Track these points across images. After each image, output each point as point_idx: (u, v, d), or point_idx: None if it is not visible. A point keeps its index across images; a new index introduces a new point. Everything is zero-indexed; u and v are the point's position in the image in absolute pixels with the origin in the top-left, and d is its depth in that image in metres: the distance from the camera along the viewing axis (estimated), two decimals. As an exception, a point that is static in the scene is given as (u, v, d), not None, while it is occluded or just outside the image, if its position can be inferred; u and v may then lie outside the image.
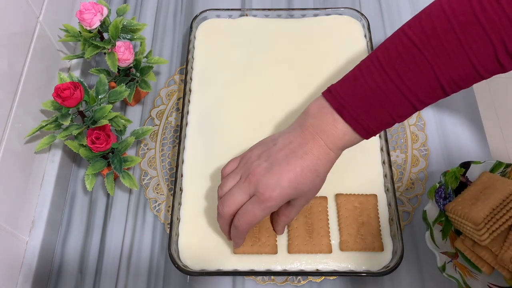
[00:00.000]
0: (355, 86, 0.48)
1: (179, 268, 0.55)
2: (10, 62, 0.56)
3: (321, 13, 0.74)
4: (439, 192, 0.59)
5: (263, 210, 0.49)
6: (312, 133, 0.49)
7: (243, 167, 0.52)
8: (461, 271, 0.55)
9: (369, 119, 0.48)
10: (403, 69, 0.46)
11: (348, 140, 0.50)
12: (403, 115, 0.49)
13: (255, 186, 0.49)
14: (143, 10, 0.80)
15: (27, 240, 0.59)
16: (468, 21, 0.43)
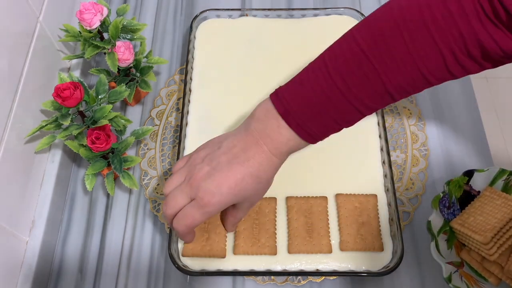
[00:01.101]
0: (302, 91, 0.48)
1: (179, 268, 0.55)
2: (10, 62, 0.56)
3: (321, 13, 0.74)
4: (443, 202, 0.58)
5: (202, 214, 0.48)
6: (256, 137, 0.49)
7: (187, 168, 0.51)
8: (467, 280, 0.55)
9: (315, 125, 0.47)
10: (349, 76, 0.45)
11: (293, 146, 0.49)
12: (349, 121, 0.48)
13: (196, 190, 0.48)
14: (143, 10, 0.80)
15: (27, 240, 0.59)
16: (417, 28, 0.42)
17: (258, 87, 0.68)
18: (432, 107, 0.70)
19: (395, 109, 0.70)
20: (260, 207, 0.59)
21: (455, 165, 0.66)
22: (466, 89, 0.72)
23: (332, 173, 0.62)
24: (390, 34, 0.43)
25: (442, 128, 0.69)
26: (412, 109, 0.70)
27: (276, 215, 0.59)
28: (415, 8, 0.42)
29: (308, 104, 0.47)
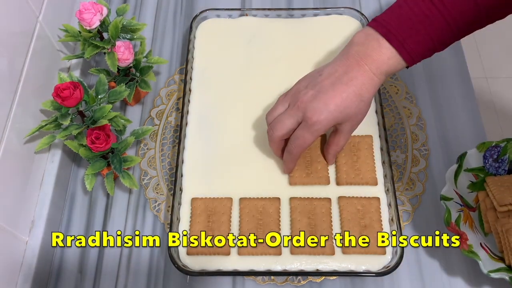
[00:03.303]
0: (400, 13, 0.52)
1: (179, 268, 0.55)
2: (9, 62, 0.55)
3: (321, 13, 0.74)
4: (492, 151, 0.60)
5: (312, 133, 0.53)
6: (357, 59, 0.53)
7: (291, 97, 0.56)
8: (464, 219, 0.57)
9: (414, 43, 0.51)
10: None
11: (392, 65, 0.53)
12: (443, 41, 0.53)
13: (303, 112, 0.53)
14: (143, 10, 0.80)
15: (27, 240, 0.58)
16: None
17: (258, 87, 0.68)
18: (432, 107, 0.70)
19: (395, 109, 0.70)
20: (264, 207, 0.59)
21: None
22: (466, 89, 0.72)
23: (332, 172, 0.62)
24: None
25: (442, 128, 0.69)
26: (412, 109, 0.70)
27: (280, 215, 0.59)
28: None
29: (407, 23, 0.51)
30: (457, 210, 0.57)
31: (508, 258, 0.54)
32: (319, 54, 0.71)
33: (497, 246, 0.57)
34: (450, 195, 0.58)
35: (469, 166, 0.60)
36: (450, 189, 0.58)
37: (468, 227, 0.57)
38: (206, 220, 0.59)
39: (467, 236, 0.55)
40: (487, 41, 1.77)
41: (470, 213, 0.59)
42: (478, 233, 0.58)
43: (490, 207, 0.58)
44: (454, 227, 0.56)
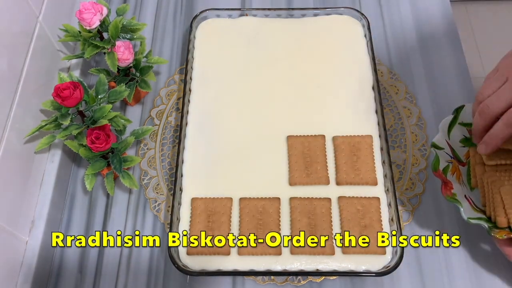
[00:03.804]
0: None
1: (179, 268, 0.55)
2: (10, 62, 0.55)
3: (321, 13, 0.74)
4: None
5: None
6: None
7: (506, 71, 0.50)
8: (452, 171, 0.57)
9: None
10: None
11: None
12: None
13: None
14: (142, 10, 0.80)
15: (27, 240, 0.58)
16: None
17: (258, 87, 0.68)
18: (432, 107, 0.70)
19: (395, 109, 0.70)
20: (264, 207, 0.59)
21: (455, 165, 0.66)
22: (466, 89, 0.72)
23: (332, 173, 0.62)
24: None
25: (442, 128, 0.69)
26: (412, 109, 0.70)
27: (280, 215, 0.59)
28: None
29: None
30: (446, 160, 0.57)
31: (489, 209, 0.55)
32: (319, 54, 0.71)
33: (480, 200, 0.57)
34: (442, 144, 0.58)
35: (465, 120, 0.59)
36: (442, 139, 0.58)
37: (455, 179, 0.57)
38: (206, 220, 0.59)
39: (452, 184, 0.55)
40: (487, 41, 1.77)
41: (459, 166, 0.58)
42: (464, 186, 0.58)
43: (479, 162, 0.58)
44: (440, 174, 0.55)
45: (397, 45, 0.76)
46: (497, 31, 1.81)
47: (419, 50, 0.75)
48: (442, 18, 0.79)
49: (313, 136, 0.64)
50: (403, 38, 0.77)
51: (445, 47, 0.76)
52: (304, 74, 0.69)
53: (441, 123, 0.59)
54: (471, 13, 1.87)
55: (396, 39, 0.77)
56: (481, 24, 1.83)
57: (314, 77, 0.69)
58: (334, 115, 0.66)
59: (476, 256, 0.60)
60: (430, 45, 0.76)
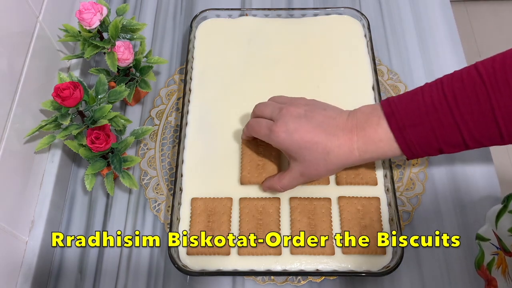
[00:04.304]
0: (411, 99, 0.49)
1: (179, 268, 0.55)
2: (9, 62, 0.55)
3: (321, 13, 0.74)
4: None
5: (265, 136, 0.54)
6: (352, 125, 0.51)
7: (290, 99, 0.56)
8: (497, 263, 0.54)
9: (414, 134, 0.48)
10: (461, 94, 0.46)
11: (382, 148, 0.50)
12: (450, 142, 0.48)
13: (278, 117, 0.53)
14: (142, 10, 0.80)
15: (26, 240, 0.58)
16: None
17: (258, 87, 0.68)
18: (432, 107, 0.70)
19: (395, 109, 0.70)
20: (264, 207, 0.59)
21: (455, 165, 0.66)
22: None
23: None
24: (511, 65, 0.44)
25: (442, 128, 0.69)
26: (412, 109, 0.70)
27: (280, 215, 0.59)
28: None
29: (414, 111, 0.48)
30: (492, 252, 0.54)
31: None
32: (319, 54, 0.71)
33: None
34: (488, 236, 0.54)
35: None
36: (488, 230, 0.54)
37: (500, 273, 0.53)
38: (206, 220, 0.59)
39: (496, 282, 0.52)
40: (487, 41, 1.77)
41: (506, 257, 0.54)
42: (510, 280, 0.53)
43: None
44: (484, 271, 0.53)
45: (397, 45, 0.76)
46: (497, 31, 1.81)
47: (419, 50, 0.75)
48: (442, 18, 0.79)
49: (313, 136, 0.64)
50: (403, 38, 0.77)
51: (445, 47, 0.76)
52: (304, 74, 0.69)
53: (488, 212, 0.55)
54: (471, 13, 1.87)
55: (396, 39, 0.77)
56: (481, 24, 1.83)
57: (314, 77, 0.69)
58: (334, 115, 0.66)
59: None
60: (430, 45, 0.76)
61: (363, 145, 0.50)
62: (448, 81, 0.48)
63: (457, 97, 0.46)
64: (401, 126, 0.48)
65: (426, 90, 0.48)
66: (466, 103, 0.46)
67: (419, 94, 0.49)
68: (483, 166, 0.65)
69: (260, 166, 0.61)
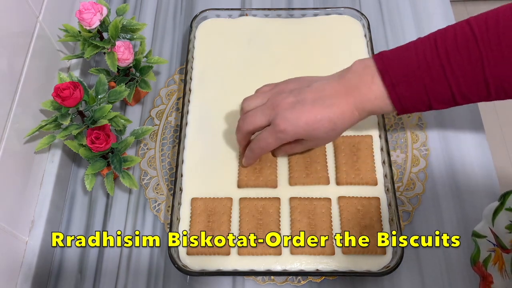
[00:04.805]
0: (404, 54, 0.50)
1: (179, 268, 0.55)
2: (9, 62, 0.55)
3: (321, 13, 0.74)
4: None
5: (276, 139, 0.53)
6: (346, 87, 0.52)
7: (273, 93, 0.56)
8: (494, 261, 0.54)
9: (406, 89, 0.49)
10: (453, 51, 0.47)
11: (377, 105, 0.51)
12: (439, 99, 0.49)
13: (275, 116, 0.52)
14: (142, 10, 0.80)
15: (26, 240, 0.58)
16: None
17: (258, 87, 0.68)
18: (432, 107, 0.70)
19: (395, 109, 0.70)
20: (264, 207, 0.59)
21: (455, 165, 0.66)
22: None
23: (333, 172, 0.62)
24: (504, 24, 0.45)
25: (442, 128, 0.69)
26: (412, 109, 0.70)
27: (280, 215, 0.59)
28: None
29: (407, 65, 0.49)
30: (488, 249, 0.54)
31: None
32: (319, 54, 0.71)
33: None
34: (484, 232, 0.54)
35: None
36: (485, 227, 0.54)
37: (497, 269, 0.53)
38: (206, 220, 0.59)
39: (492, 279, 0.52)
40: (487, 41, 1.77)
41: (502, 254, 0.54)
42: (507, 277, 0.53)
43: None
44: (480, 267, 0.53)
45: (397, 45, 0.76)
46: (497, 31, 1.80)
47: (419, 50, 0.75)
48: (442, 18, 0.79)
49: (313, 136, 0.64)
50: (403, 38, 0.77)
51: (445, 47, 0.75)
52: (304, 74, 0.69)
53: (485, 209, 0.55)
54: (471, 13, 1.87)
55: (396, 39, 0.77)
56: (481, 24, 1.83)
57: (314, 77, 0.69)
58: (334, 115, 0.66)
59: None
60: (430, 45, 0.76)
61: (360, 104, 0.51)
62: (441, 37, 0.48)
63: (449, 53, 0.47)
64: (394, 82, 0.49)
65: (419, 46, 0.49)
66: (458, 60, 0.47)
67: (411, 49, 0.50)
68: (483, 166, 0.65)
69: (257, 170, 0.61)
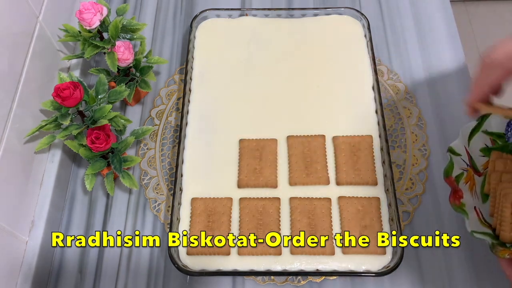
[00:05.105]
0: None
1: (179, 268, 0.55)
2: (10, 62, 0.55)
3: (321, 13, 0.74)
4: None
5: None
6: None
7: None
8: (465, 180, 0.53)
9: None
10: None
11: None
12: None
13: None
14: (143, 10, 0.80)
15: (26, 240, 0.58)
16: None
17: (257, 87, 0.68)
18: (432, 107, 0.70)
19: (395, 109, 0.70)
20: (264, 207, 0.59)
21: (455, 165, 0.66)
22: (466, 89, 0.72)
23: (333, 172, 0.62)
24: None
25: (442, 128, 0.69)
26: (412, 109, 0.70)
27: (280, 215, 0.59)
28: None
29: None
30: (461, 168, 0.54)
31: (496, 220, 0.51)
32: (318, 54, 0.71)
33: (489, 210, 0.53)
34: (459, 151, 0.54)
35: (490, 128, 0.54)
36: (461, 145, 0.54)
37: (467, 188, 0.53)
38: (206, 220, 0.59)
39: (462, 193, 0.52)
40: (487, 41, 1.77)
41: (474, 176, 0.54)
42: (476, 197, 0.54)
43: (498, 170, 0.53)
44: (452, 180, 0.52)
45: (397, 45, 0.76)
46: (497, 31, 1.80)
47: (419, 50, 0.75)
48: (442, 18, 0.79)
49: (313, 136, 0.64)
50: (403, 38, 0.77)
51: (445, 47, 0.76)
52: (304, 74, 0.69)
53: (462, 128, 0.54)
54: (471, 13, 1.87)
55: (396, 39, 0.77)
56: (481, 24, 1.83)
57: (314, 77, 0.69)
58: (334, 115, 0.66)
59: (476, 256, 0.60)
60: (430, 45, 0.76)
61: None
62: None
63: None
64: None
65: None
66: None
67: None
68: (483, 166, 0.65)
69: (257, 170, 0.61)
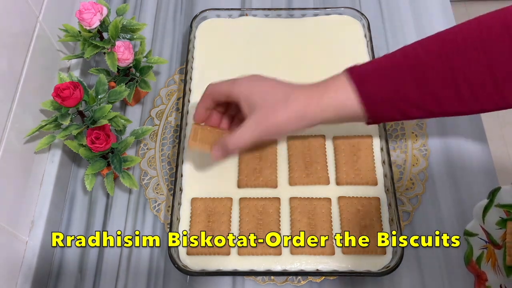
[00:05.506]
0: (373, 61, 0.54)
1: (179, 268, 0.55)
2: (9, 62, 0.55)
3: (321, 13, 0.74)
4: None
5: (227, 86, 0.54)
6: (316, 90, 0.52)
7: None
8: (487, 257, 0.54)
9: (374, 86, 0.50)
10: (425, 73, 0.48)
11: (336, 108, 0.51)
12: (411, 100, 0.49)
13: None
14: (142, 10, 0.80)
15: (26, 240, 0.58)
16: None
17: (258, 87, 0.68)
18: (432, 107, 0.70)
19: (395, 109, 0.70)
20: (264, 207, 0.59)
21: (455, 165, 0.66)
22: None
23: (333, 171, 0.62)
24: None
25: (442, 128, 0.69)
26: (412, 109, 0.70)
27: (280, 215, 0.59)
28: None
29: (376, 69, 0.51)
30: (481, 247, 0.54)
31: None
32: (319, 54, 0.71)
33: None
34: (475, 231, 0.54)
35: (502, 201, 0.54)
36: (476, 225, 0.55)
37: (490, 266, 0.54)
38: (206, 220, 0.59)
39: (486, 276, 0.52)
40: (487, 41, 1.77)
41: (495, 250, 0.54)
42: (500, 273, 0.53)
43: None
44: (474, 266, 0.53)
45: (397, 45, 0.76)
46: (497, 31, 1.80)
47: (419, 50, 0.75)
48: (442, 18, 0.78)
49: (313, 136, 0.64)
50: (403, 38, 0.77)
51: (445, 47, 0.75)
52: (304, 74, 0.69)
53: (475, 208, 0.55)
54: (471, 13, 1.87)
55: (396, 39, 0.77)
56: (481, 24, 1.83)
57: (314, 77, 0.68)
58: (334, 115, 0.66)
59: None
60: (430, 45, 0.76)
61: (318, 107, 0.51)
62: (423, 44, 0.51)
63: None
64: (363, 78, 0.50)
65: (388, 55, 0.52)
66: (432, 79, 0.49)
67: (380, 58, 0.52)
68: (483, 166, 0.65)
69: (257, 170, 0.61)
